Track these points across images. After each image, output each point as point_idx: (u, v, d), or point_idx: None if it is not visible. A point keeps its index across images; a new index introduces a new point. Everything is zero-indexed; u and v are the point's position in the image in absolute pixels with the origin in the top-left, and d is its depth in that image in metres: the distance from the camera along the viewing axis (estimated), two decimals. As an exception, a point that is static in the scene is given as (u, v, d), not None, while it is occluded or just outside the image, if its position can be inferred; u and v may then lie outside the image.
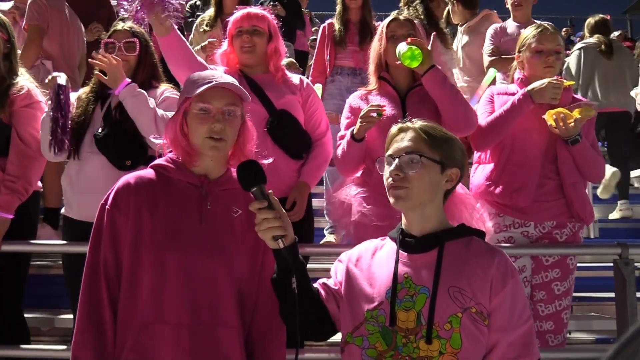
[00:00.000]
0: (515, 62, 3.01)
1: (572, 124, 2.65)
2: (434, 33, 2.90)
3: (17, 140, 2.77)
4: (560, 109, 2.69)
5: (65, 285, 2.87)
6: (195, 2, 6.11)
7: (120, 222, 1.79)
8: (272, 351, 1.86)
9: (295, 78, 2.98)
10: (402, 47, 2.65)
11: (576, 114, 2.65)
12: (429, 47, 2.67)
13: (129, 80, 2.76)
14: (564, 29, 13.12)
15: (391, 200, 1.75)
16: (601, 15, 5.96)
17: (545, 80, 2.74)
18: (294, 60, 5.83)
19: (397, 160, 1.74)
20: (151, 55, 2.99)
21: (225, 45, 2.96)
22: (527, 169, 2.75)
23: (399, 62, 2.67)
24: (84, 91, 2.96)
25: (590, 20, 5.91)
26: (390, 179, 1.74)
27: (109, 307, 1.77)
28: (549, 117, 2.69)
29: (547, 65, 2.82)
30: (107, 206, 1.82)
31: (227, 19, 4.49)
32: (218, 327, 1.76)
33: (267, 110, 2.79)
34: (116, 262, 1.79)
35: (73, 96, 2.93)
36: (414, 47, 2.62)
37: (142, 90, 2.75)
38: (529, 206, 2.74)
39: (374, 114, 2.56)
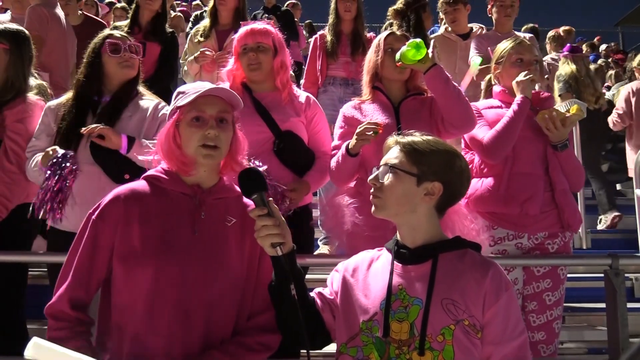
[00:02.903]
0: (489, 76, 3.13)
1: (565, 123, 2.71)
2: (433, 40, 2.94)
3: (2, 156, 2.78)
4: (551, 109, 2.77)
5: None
6: (202, 12, 6.10)
7: (104, 233, 1.79)
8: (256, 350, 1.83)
9: (302, 96, 2.99)
10: (403, 47, 2.68)
11: (572, 110, 2.74)
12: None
13: (125, 136, 2.71)
14: (556, 41, 13.19)
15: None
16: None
17: (517, 80, 2.84)
18: (292, 73, 5.86)
19: (377, 170, 1.79)
20: (139, 67, 2.99)
21: (231, 62, 2.97)
22: (532, 178, 2.80)
23: (399, 62, 2.69)
24: (67, 98, 2.92)
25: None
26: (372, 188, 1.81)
27: (68, 303, 1.78)
28: (541, 118, 2.76)
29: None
30: (93, 216, 1.83)
31: (222, 30, 4.57)
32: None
33: (271, 131, 2.81)
34: (90, 271, 1.79)
35: (55, 102, 2.91)
36: (418, 40, 2.66)
37: (148, 145, 2.70)
38: (531, 216, 2.77)
39: (370, 132, 2.56)
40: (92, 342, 1.77)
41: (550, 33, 7.63)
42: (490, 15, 4.93)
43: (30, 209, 2.67)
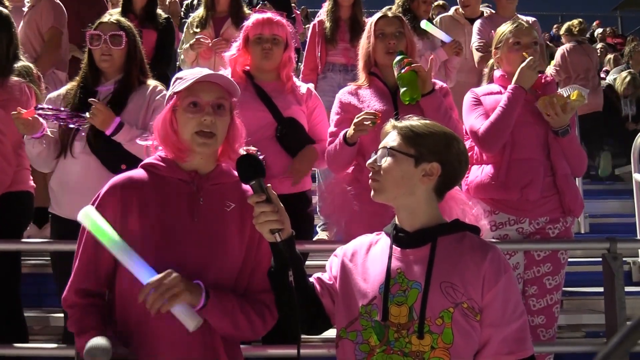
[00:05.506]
0: (491, 61, 3.11)
1: (565, 108, 2.71)
2: (432, 57, 2.93)
3: None
4: (551, 95, 2.77)
5: (55, 283, 2.88)
6: (192, 1, 6.06)
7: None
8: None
9: (303, 87, 2.99)
10: (396, 69, 2.69)
11: (573, 96, 2.75)
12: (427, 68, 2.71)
13: (118, 118, 2.72)
14: (555, 26, 13.15)
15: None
16: None
17: (520, 67, 2.81)
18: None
19: (376, 154, 1.79)
20: (140, 51, 2.96)
21: (234, 48, 2.96)
22: (532, 163, 2.81)
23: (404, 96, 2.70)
24: (68, 88, 2.91)
25: None
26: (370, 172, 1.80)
27: (76, 294, 1.81)
28: (541, 103, 2.76)
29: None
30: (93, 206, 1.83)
31: (218, 17, 4.55)
32: None
33: (274, 117, 2.81)
34: (96, 261, 1.80)
35: (55, 93, 2.91)
36: (406, 88, 2.64)
37: (135, 132, 2.71)
38: (532, 201, 2.78)
39: (368, 122, 2.55)
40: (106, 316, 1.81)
41: None
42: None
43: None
